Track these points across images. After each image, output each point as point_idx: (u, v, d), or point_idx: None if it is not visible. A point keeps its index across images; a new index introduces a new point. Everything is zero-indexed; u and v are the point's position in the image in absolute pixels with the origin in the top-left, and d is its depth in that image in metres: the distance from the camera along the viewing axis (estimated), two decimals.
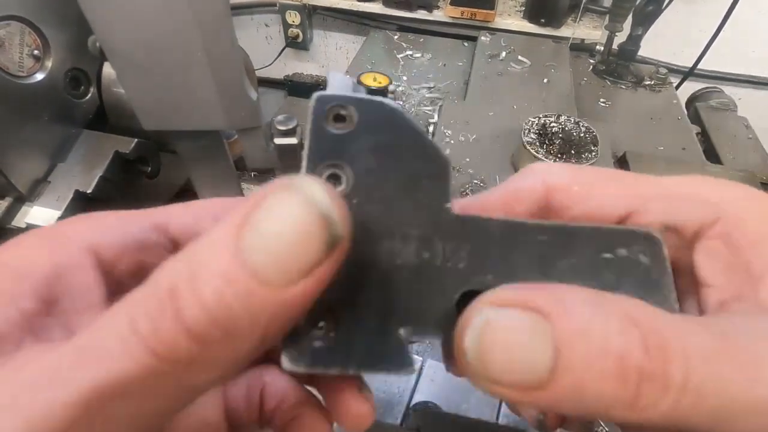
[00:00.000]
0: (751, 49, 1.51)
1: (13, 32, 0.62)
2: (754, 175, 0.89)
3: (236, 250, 0.13)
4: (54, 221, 0.66)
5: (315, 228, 0.14)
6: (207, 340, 0.13)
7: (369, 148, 0.19)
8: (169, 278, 0.14)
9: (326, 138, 0.19)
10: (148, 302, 0.13)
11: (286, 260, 0.13)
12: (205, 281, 0.13)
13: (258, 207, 0.14)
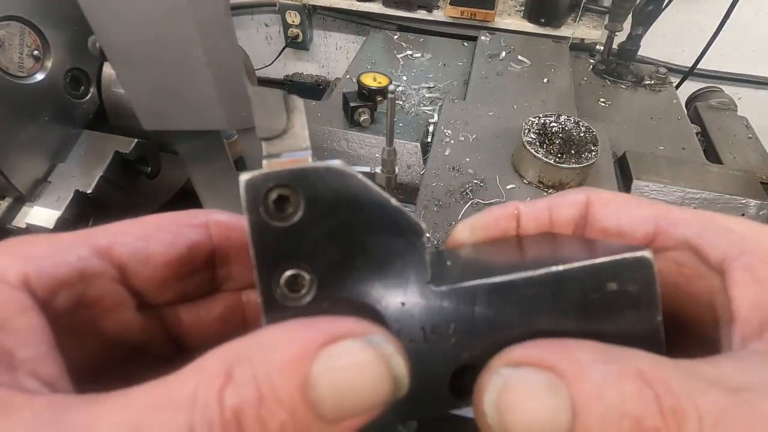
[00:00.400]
0: (751, 49, 1.51)
1: (13, 32, 0.62)
2: (753, 175, 0.89)
3: (304, 386, 0.13)
4: (54, 221, 0.66)
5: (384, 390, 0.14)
6: None
7: (324, 235, 0.17)
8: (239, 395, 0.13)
9: (271, 236, 0.16)
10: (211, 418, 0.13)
11: (346, 405, 0.14)
12: (274, 412, 0.13)
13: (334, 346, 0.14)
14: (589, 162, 0.74)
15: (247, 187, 0.17)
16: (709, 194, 0.84)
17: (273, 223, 0.16)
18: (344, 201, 0.17)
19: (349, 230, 0.17)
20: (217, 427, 0.13)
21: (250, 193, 0.17)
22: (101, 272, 0.18)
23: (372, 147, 0.96)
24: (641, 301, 0.19)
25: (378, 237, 0.17)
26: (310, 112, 1.02)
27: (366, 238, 0.17)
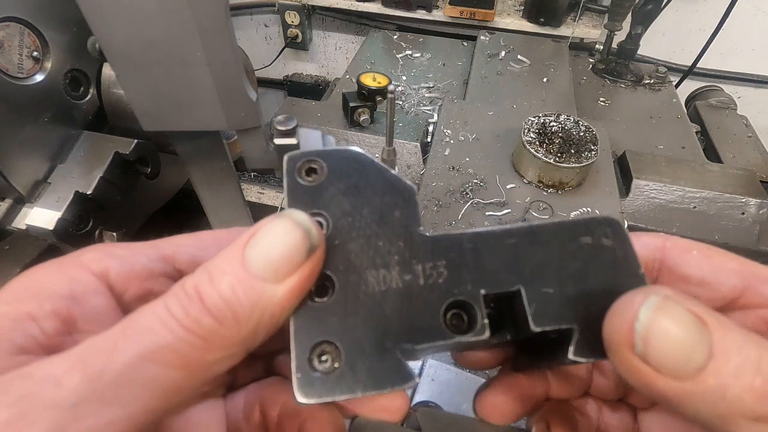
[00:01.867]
0: (751, 48, 1.51)
1: (13, 34, 0.62)
2: (753, 174, 0.89)
3: (242, 259, 0.18)
4: (54, 222, 0.66)
5: (299, 239, 0.19)
6: (222, 320, 0.18)
7: (341, 192, 0.22)
8: (194, 280, 0.18)
9: (301, 191, 0.22)
10: (179, 295, 0.18)
11: (277, 263, 0.18)
12: (220, 280, 0.18)
13: (258, 229, 0.19)
14: (588, 161, 0.74)
15: (287, 160, 0.22)
16: (709, 193, 0.84)
17: (301, 181, 0.22)
18: (354, 169, 0.22)
19: (357, 189, 0.22)
20: (184, 299, 0.18)
21: (289, 162, 0.22)
22: (165, 273, 0.22)
23: (372, 147, 0.96)
24: (617, 255, 0.22)
25: (381, 194, 0.22)
26: (310, 113, 1.02)
27: (371, 193, 0.22)
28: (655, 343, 0.18)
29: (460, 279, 0.21)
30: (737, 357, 0.17)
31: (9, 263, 0.80)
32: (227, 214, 0.71)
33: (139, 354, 0.17)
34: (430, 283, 0.21)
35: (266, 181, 1.03)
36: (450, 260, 0.22)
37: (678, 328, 0.17)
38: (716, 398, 0.17)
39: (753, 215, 0.84)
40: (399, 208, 0.22)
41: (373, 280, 0.21)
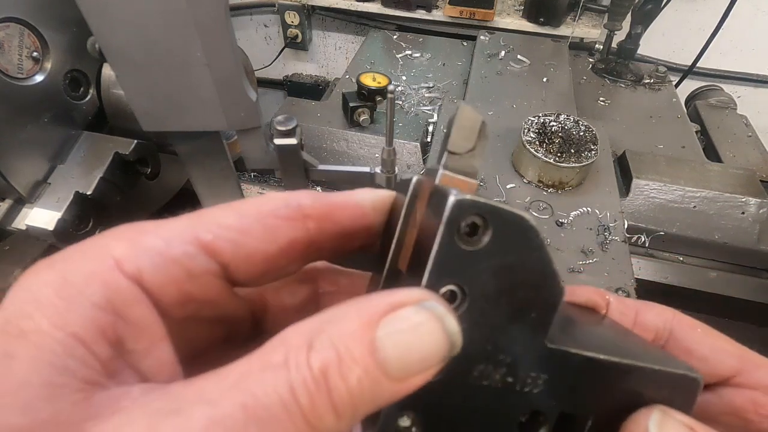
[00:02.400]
0: (751, 47, 1.51)
1: (12, 34, 0.62)
2: (753, 173, 0.89)
3: (374, 348, 0.16)
4: (54, 223, 0.66)
5: (441, 347, 0.17)
6: (342, 415, 0.16)
7: (492, 271, 0.19)
8: (322, 359, 0.16)
9: (455, 253, 0.19)
10: (305, 376, 0.15)
11: (411, 365, 0.16)
12: (351, 370, 0.16)
13: (396, 308, 0.17)
14: (588, 161, 0.74)
15: (453, 206, 0.18)
16: (709, 193, 0.84)
17: (459, 242, 0.18)
18: (519, 246, 0.19)
19: (511, 272, 0.19)
20: (311, 383, 0.15)
21: (454, 210, 0.18)
22: (206, 270, 0.19)
23: (372, 147, 0.96)
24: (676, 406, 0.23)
25: (530, 286, 0.20)
26: (310, 113, 1.02)
27: (521, 282, 0.19)
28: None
29: (551, 393, 0.21)
30: None
31: (9, 264, 0.80)
32: None
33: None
34: (525, 391, 0.21)
35: (266, 181, 1.03)
36: (552, 376, 0.21)
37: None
38: None
39: (753, 215, 0.84)
40: (537, 312, 0.20)
41: (478, 373, 0.20)
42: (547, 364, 0.21)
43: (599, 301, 0.29)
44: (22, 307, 0.15)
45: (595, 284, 0.63)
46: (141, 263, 0.17)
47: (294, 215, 0.21)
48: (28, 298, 0.15)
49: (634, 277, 0.65)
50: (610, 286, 0.63)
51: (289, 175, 0.67)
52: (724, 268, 0.88)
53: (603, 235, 0.70)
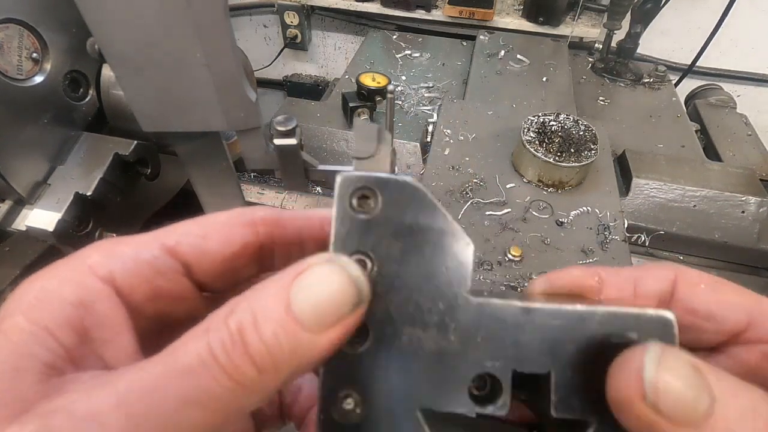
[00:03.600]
0: (750, 46, 1.51)
1: (12, 35, 0.62)
2: (753, 172, 0.89)
3: (288, 302, 0.18)
4: (54, 223, 0.66)
5: (350, 295, 0.18)
6: (263, 370, 0.17)
7: (392, 233, 0.21)
8: (238, 320, 0.18)
9: (351, 222, 0.20)
10: (222, 335, 0.17)
11: (324, 315, 0.18)
12: (265, 325, 0.17)
13: (306, 270, 0.18)
14: (588, 160, 0.74)
15: (341, 182, 0.21)
16: (709, 192, 0.84)
17: (353, 212, 0.21)
18: (412, 208, 0.21)
19: (411, 234, 0.21)
20: (227, 340, 0.17)
21: (342, 184, 0.21)
22: (171, 268, 0.22)
23: None
24: None
25: (435, 244, 0.21)
26: (310, 113, 1.02)
27: (424, 241, 0.21)
28: (664, 391, 0.18)
29: (495, 352, 0.21)
30: (736, 400, 0.18)
31: (9, 265, 0.80)
32: None
33: (182, 398, 0.17)
34: (464, 352, 0.21)
35: (266, 181, 1.03)
36: (489, 332, 0.21)
37: (681, 375, 0.18)
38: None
39: (753, 214, 0.84)
40: (449, 265, 0.21)
41: (408, 338, 0.21)
42: (479, 321, 0.21)
43: (589, 282, 0.25)
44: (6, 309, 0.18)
45: None
46: (113, 267, 0.20)
47: (246, 222, 0.23)
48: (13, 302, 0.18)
49: None
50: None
51: (289, 175, 0.67)
52: (724, 267, 0.88)
53: (603, 234, 0.70)
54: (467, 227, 0.70)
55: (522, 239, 0.69)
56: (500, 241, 0.68)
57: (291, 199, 0.97)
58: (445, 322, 0.21)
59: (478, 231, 0.70)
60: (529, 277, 0.63)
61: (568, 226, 0.71)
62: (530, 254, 0.67)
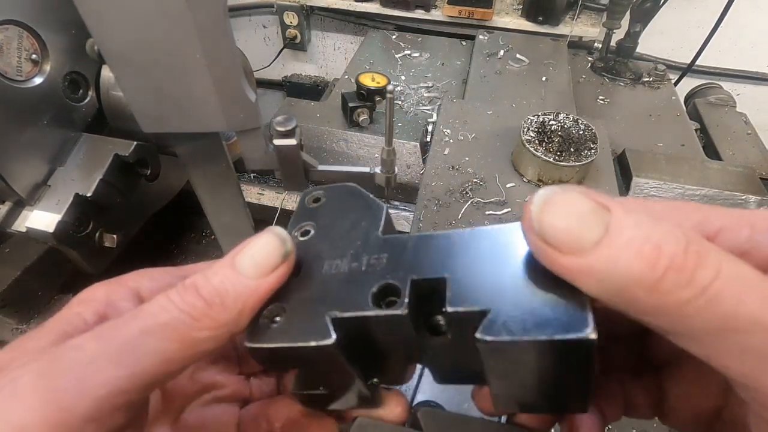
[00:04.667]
0: (750, 45, 1.51)
1: (11, 36, 0.62)
2: (753, 171, 0.89)
3: (233, 263, 0.24)
4: (54, 225, 0.66)
5: (277, 246, 0.24)
6: (211, 304, 0.23)
7: (329, 212, 0.29)
8: (192, 278, 0.24)
9: (304, 211, 0.30)
10: (178, 287, 0.23)
11: (259, 264, 0.24)
12: (213, 276, 0.23)
13: (248, 242, 0.25)
14: (588, 160, 0.74)
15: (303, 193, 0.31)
16: (709, 191, 0.84)
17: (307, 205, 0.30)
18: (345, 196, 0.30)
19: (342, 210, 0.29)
20: (182, 290, 0.23)
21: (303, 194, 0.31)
22: None
23: (371, 147, 0.96)
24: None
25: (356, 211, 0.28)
26: (309, 113, 1.02)
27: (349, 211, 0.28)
28: (547, 219, 0.19)
29: (396, 268, 0.24)
30: (631, 231, 0.18)
31: (9, 266, 0.80)
32: (227, 215, 0.71)
33: (142, 329, 0.22)
34: (370, 270, 0.25)
35: (266, 181, 1.03)
36: (392, 254, 0.25)
37: (568, 206, 0.19)
38: (610, 271, 0.17)
39: None
40: (366, 220, 0.27)
41: (328, 266, 0.26)
42: (384, 248, 0.26)
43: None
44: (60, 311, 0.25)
45: None
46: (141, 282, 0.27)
47: None
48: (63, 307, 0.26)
49: None
50: None
51: (289, 175, 0.67)
52: None
53: None
54: (467, 227, 0.70)
55: None
56: None
57: (291, 200, 0.97)
58: (358, 252, 0.26)
59: None
60: None
61: None
62: None
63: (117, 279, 0.27)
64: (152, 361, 0.21)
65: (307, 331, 0.23)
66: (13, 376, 0.20)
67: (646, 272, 0.17)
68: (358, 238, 0.27)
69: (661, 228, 0.18)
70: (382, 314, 0.23)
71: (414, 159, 0.95)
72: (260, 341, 0.24)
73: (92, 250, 0.75)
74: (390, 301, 0.24)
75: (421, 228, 0.69)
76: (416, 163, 0.95)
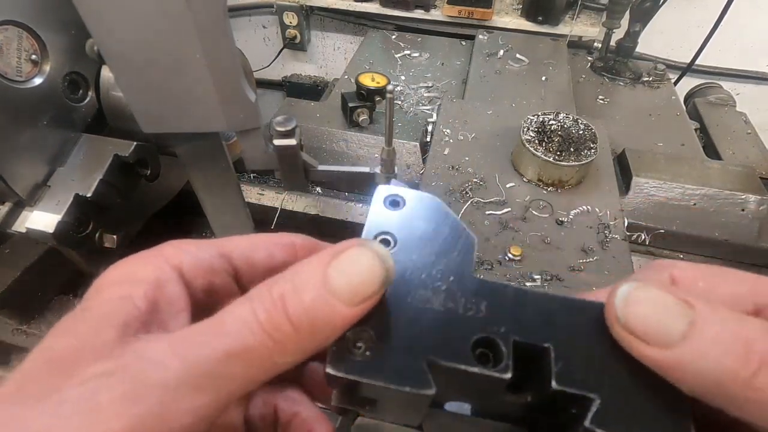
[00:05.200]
0: (749, 44, 1.51)
1: (11, 37, 0.62)
2: (753, 170, 0.89)
3: (325, 277, 0.21)
4: (54, 225, 0.66)
5: (380, 275, 0.21)
6: (299, 329, 0.20)
7: (413, 224, 0.26)
8: (280, 288, 0.21)
9: (382, 215, 0.26)
10: (264, 299, 0.21)
11: (357, 291, 0.21)
12: (304, 293, 0.21)
13: (343, 252, 0.22)
14: (588, 159, 0.74)
15: (378, 191, 0.27)
16: (709, 190, 0.84)
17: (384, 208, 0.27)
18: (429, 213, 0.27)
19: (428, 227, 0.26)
20: (269, 303, 0.21)
21: (379, 192, 0.27)
22: (223, 269, 0.26)
23: (371, 147, 0.96)
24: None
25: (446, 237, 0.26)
26: (309, 113, 1.02)
27: (437, 235, 0.26)
28: (632, 312, 0.20)
29: (497, 321, 0.23)
30: (717, 326, 0.19)
31: (9, 266, 0.80)
32: (227, 216, 0.71)
33: (228, 352, 0.20)
34: (468, 316, 0.23)
35: (266, 181, 1.03)
36: (491, 303, 0.24)
37: (652, 299, 0.20)
38: (701, 364, 0.18)
39: (753, 212, 0.84)
40: (457, 251, 0.25)
41: (418, 297, 0.24)
42: (483, 293, 0.24)
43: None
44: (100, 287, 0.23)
45: (596, 283, 0.63)
46: (182, 258, 0.25)
47: (288, 244, 0.28)
48: (103, 278, 0.24)
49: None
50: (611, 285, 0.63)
51: (289, 175, 0.67)
52: (724, 265, 0.88)
53: (603, 233, 0.70)
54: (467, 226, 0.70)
55: (522, 238, 0.69)
56: (500, 241, 0.68)
57: (291, 200, 0.97)
58: (452, 290, 0.24)
59: (478, 230, 0.70)
60: (529, 276, 0.63)
61: (568, 225, 0.71)
62: (530, 253, 0.67)
63: (156, 253, 0.25)
64: (235, 386, 0.20)
65: (403, 373, 0.21)
66: (93, 389, 0.18)
67: (739, 368, 0.18)
68: (451, 272, 0.24)
69: (749, 324, 0.19)
70: (486, 373, 0.22)
71: (414, 159, 0.95)
72: (347, 372, 0.22)
73: (92, 251, 0.75)
74: (482, 353, 0.23)
75: None
76: (416, 163, 0.95)
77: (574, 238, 0.69)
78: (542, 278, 0.63)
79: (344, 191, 0.99)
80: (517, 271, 0.64)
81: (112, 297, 0.22)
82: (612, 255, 0.67)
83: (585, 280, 0.64)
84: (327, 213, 0.95)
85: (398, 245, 0.25)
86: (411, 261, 0.25)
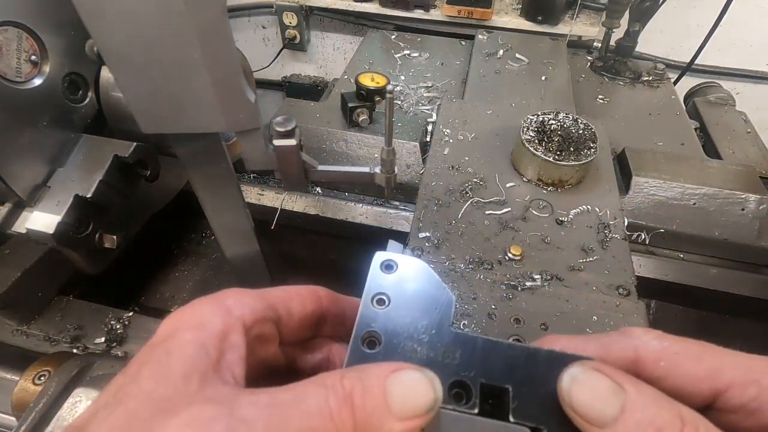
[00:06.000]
0: (749, 44, 1.51)
1: (10, 38, 0.62)
2: (753, 170, 0.89)
3: (385, 390, 0.24)
4: (54, 226, 0.66)
5: (430, 405, 0.24)
6: (356, 427, 0.24)
7: (402, 285, 0.32)
8: (351, 385, 0.25)
9: (379, 278, 0.32)
10: (337, 393, 0.24)
11: (408, 411, 0.24)
12: (368, 399, 0.24)
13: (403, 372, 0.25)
14: (588, 159, 0.74)
15: (376, 256, 0.33)
16: (709, 189, 0.84)
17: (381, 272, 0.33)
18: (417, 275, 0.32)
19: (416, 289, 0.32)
20: (341, 397, 0.24)
21: (377, 257, 0.33)
22: (271, 318, 0.30)
23: (371, 147, 0.96)
24: None
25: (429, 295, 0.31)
26: (309, 113, 1.02)
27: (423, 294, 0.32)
28: (575, 396, 0.25)
29: (468, 366, 0.28)
30: (640, 413, 0.23)
31: (9, 267, 0.80)
32: (227, 216, 0.71)
33: (299, 428, 0.23)
34: (446, 363, 0.28)
35: (266, 182, 1.03)
36: (464, 352, 0.29)
37: (592, 386, 0.25)
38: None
39: (753, 211, 0.84)
40: (438, 308, 0.31)
41: (408, 348, 0.29)
42: (458, 344, 0.29)
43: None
44: (173, 325, 0.27)
45: (596, 282, 0.63)
46: (243, 310, 0.28)
47: (315, 296, 0.33)
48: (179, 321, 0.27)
49: (634, 274, 0.65)
50: (611, 284, 0.63)
51: (289, 176, 0.67)
52: (724, 264, 0.88)
53: (603, 233, 0.70)
54: (467, 226, 0.70)
55: (522, 238, 0.69)
56: (500, 241, 0.68)
57: (291, 200, 0.97)
58: (433, 341, 0.29)
59: (478, 230, 0.70)
60: (529, 276, 0.63)
61: (568, 224, 0.71)
62: (530, 253, 0.67)
63: (220, 301, 0.28)
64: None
65: None
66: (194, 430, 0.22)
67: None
68: (433, 326, 0.30)
69: (665, 413, 0.23)
70: (459, 410, 0.27)
71: (414, 159, 0.95)
72: None
73: (92, 251, 0.75)
74: (457, 393, 0.28)
75: (420, 227, 0.69)
76: (416, 163, 0.95)
77: (574, 237, 0.69)
78: (542, 278, 0.63)
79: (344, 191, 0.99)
80: (517, 271, 0.64)
81: (190, 343, 0.26)
82: (612, 254, 0.67)
83: (585, 279, 0.64)
84: (327, 213, 0.95)
85: (392, 304, 0.31)
86: (401, 317, 0.30)
